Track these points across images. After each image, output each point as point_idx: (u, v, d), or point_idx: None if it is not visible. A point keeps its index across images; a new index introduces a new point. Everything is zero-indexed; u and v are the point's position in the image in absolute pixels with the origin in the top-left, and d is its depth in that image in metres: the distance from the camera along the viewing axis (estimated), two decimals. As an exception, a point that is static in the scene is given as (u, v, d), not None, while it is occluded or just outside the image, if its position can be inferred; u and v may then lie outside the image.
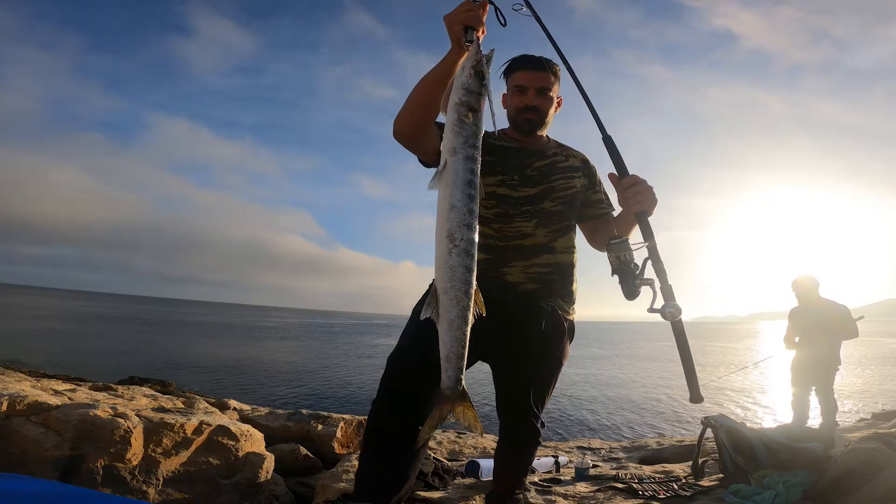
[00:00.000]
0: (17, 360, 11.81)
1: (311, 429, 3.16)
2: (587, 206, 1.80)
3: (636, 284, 1.40)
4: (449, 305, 1.02)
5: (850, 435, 3.66)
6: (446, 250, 1.02)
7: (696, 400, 1.41)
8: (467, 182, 1.07)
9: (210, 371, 15.25)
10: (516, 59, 1.69)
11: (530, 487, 2.36)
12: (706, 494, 2.27)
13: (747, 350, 34.47)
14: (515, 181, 1.68)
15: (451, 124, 1.13)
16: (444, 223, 1.04)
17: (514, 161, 1.70)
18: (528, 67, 1.66)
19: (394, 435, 1.53)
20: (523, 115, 1.68)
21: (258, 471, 2.43)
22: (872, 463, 1.97)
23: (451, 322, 1.02)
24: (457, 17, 1.30)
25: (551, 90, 1.68)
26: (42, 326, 28.77)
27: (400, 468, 1.54)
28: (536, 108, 1.67)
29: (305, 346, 28.41)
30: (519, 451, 1.84)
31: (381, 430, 1.56)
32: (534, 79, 1.65)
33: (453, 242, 1.02)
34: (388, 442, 1.54)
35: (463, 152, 1.09)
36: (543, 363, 1.70)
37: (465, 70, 1.18)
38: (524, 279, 1.66)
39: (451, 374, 1.03)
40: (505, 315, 1.64)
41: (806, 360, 4.76)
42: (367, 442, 1.62)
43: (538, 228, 1.67)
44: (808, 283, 4.84)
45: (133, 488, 2.09)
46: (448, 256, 1.02)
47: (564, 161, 1.76)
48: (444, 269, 1.02)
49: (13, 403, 2.20)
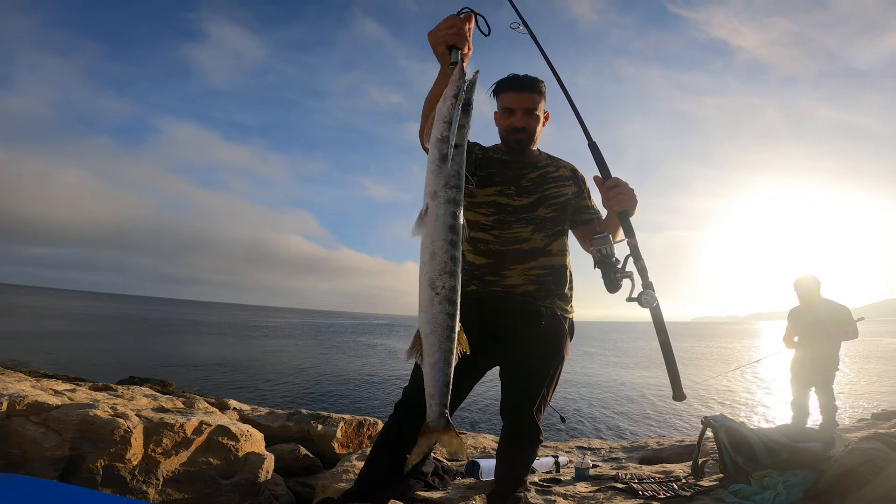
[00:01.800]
0: (17, 361, 11.81)
1: (311, 429, 3.16)
2: (578, 212, 1.89)
3: (617, 278, 1.47)
4: (432, 350, 1.04)
5: (850, 435, 3.66)
6: (428, 298, 1.03)
7: (678, 398, 1.45)
8: (449, 227, 1.05)
9: (210, 371, 15.25)
10: (504, 80, 1.75)
11: (530, 487, 2.36)
12: (706, 494, 2.27)
13: (746, 350, 34.50)
14: (512, 191, 1.78)
15: (431, 163, 1.09)
16: (426, 271, 1.04)
17: (511, 173, 1.80)
18: (515, 90, 1.72)
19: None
20: (513, 136, 1.76)
21: (258, 471, 2.43)
22: (872, 463, 1.97)
23: (433, 365, 1.04)
24: (439, 37, 1.29)
25: (537, 109, 1.75)
26: (43, 326, 28.77)
27: (398, 477, 1.63)
28: (525, 129, 1.75)
29: (305, 345, 28.41)
30: (520, 450, 1.86)
31: (395, 440, 1.63)
32: (521, 101, 1.73)
33: (435, 290, 1.03)
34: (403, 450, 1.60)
35: (444, 195, 1.06)
36: (544, 364, 1.75)
37: (447, 100, 1.13)
38: (523, 281, 1.75)
39: (436, 409, 1.07)
40: (506, 318, 1.72)
41: (806, 361, 4.75)
42: (381, 444, 1.69)
43: (535, 233, 1.77)
44: (809, 283, 4.84)
45: (133, 488, 2.09)
46: (430, 304, 1.03)
47: (555, 171, 1.86)
48: (427, 316, 1.04)
49: (13, 403, 2.20)
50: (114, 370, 12.07)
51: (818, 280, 4.85)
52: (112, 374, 10.57)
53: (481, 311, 1.69)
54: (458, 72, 1.16)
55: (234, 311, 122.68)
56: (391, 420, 1.68)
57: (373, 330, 51.93)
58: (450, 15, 1.33)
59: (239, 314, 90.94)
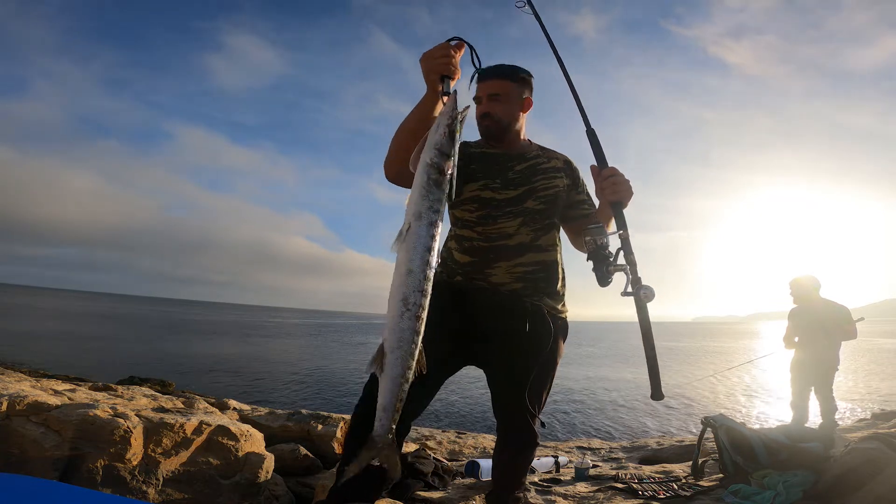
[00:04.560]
0: (17, 361, 11.82)
1: (311, 429, 3.16)
2: (571, 207, 1.81)
3: (609, 271, 1.44)
4: (394, 364, 1.06)
5: (849, 435, 3.66)
6: (398, 313, 1.06)
7: (656, 397, 1.44)
8: (427, 248, 1.08)
9: (210, 371, 15.25)
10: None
11: (530, 487, 2.36)
12: (706, 494, 2.27)
13: (744, 349, 34.48)
14: (497, 184, 1.71)
15: (419, 186, 1.11)
16: (400, 287, 1.07)
17: (496, 166, 1.73)
18: (480, 79, 1.69)
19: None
20: (482, 124, 1.71)
21: (258, 471, 2.42)
22: (872, 463, 1.97)
23: (393, 379, 1.06)
24: (433, 66, 1.32)
25: (505, 94, 1.69)
26: (43, 326, 28.78)
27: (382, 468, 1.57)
28: (489, 115, 1.69)
29: (306, 345, 28.41)
30: (515, 451, 1.81)
31: (365, 430, 1.57)
32: (484, 88, 1.68)
33: (406, 306, 1.06)
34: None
35: (427, 218, 1.09)
36: (532, 362, 1.67)
37: (440, 128, 1.15)
38: (509, 279, 1.68)
39: (385, 424, 1.08)
40: (489, 318, 1.66)
41: (805, 361, 4.76)
42: (353, 438, 1.59)
43: (522, 227, 1.69)
44: (807, 283, 4.84)
45: (133, 488, 2.08)
46: (399, 319, 1.06)
47: (546, 163, 1.78)
48: (394, 331, 1.06)
49: (13, 403, 2.20)
50: (114, 370, 12.07)
51: (817, 280, 4.85)
52: (112, 374, 10.58)
53: (464, 304, 1.65)
54: (451, 102, 1.19)
55: (235, 311, 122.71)
56: (358, 409, 1.58)
57: (373, 329, 51.94)
58: (443, 43, 1.35)
59: (240, 314, 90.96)
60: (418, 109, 1.40)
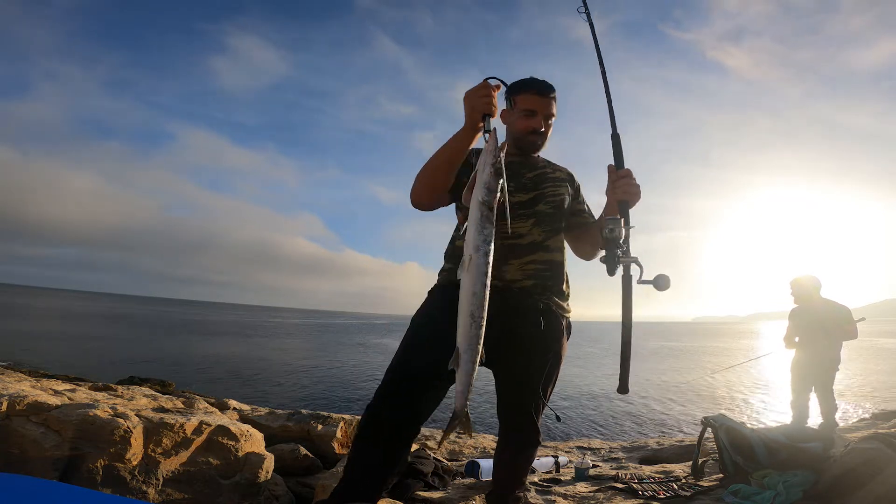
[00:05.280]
0: (17, 361, 11.82)
1: (311, 429, 3.16)
2: (573, 215, 1.91)
3: (616, 261, 1.52)
4: (466, 360, 1.37)
5: (850, 435, 3.66)
6: (468, 324, 1.36)
7: (622, 391, 1.59)
8: (484, 273, 1.35)
9: (210, 371, 15.25)
10: (526, 81, 1.77)
11: (530, 487, 2.36)
12: (706, 494, 2.27)
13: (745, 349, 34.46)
14: (511, 188, 1.77)
15: (474, 222, 1.35)
16: (467, 305, 1.35)
17: (510, 171, 1.81)
18: (540, 93, 1.75)
19: (392, 435, 1.63)
20: (530, 138, 1.79)
21: (258, 471, 2.42)
22: (872, 463, 1.97)
23: (467, 372, 1.38)
24: (477, 105, 1.45)
25: (554, 117, 1.80)
26: (43, 326, 28.78)
27: (387, 469, 1.65)
28: (543, 134, 1.79)
29: (306, 345, 28.41)
30: (519, 450, 1.84)
31: (375, 430, 1.64)
32: (544, 105, 1.76)
33: (473, 319, 1.35)
34: (382, 442, 1.62)
35: (483, 249, 1.34)
36: (541, 362, 1.73)
37: (486, 168, 1.35)
38: (521, 276, 1.73)
39: (462, 403, 1.42)
40: (501, 316, 1.67)
41: (806, 361, 4.76)
42: (360, 438, 1.68)
43: (534, 228, 1.77)
44: (807, 283, 4.84)
45: (133, 488, 2.08)
46: (469, 329, 1.36)
47: (553, 173, 1.88)
48: (466, 338, 1.36)
49: (13, 403, 2.20)
50: (114, 370, 12.08)
51: (818, 280, 4.85)
52: (112, 374, 10.58)
53: None
54: (492, 141, 1.37)
55: (235, 311, 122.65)
56: (370, 410, 1.65)
57: (373, 329, 51.94)
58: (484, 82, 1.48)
59: (240, 314, 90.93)
60: (456, 142, 1.52)
